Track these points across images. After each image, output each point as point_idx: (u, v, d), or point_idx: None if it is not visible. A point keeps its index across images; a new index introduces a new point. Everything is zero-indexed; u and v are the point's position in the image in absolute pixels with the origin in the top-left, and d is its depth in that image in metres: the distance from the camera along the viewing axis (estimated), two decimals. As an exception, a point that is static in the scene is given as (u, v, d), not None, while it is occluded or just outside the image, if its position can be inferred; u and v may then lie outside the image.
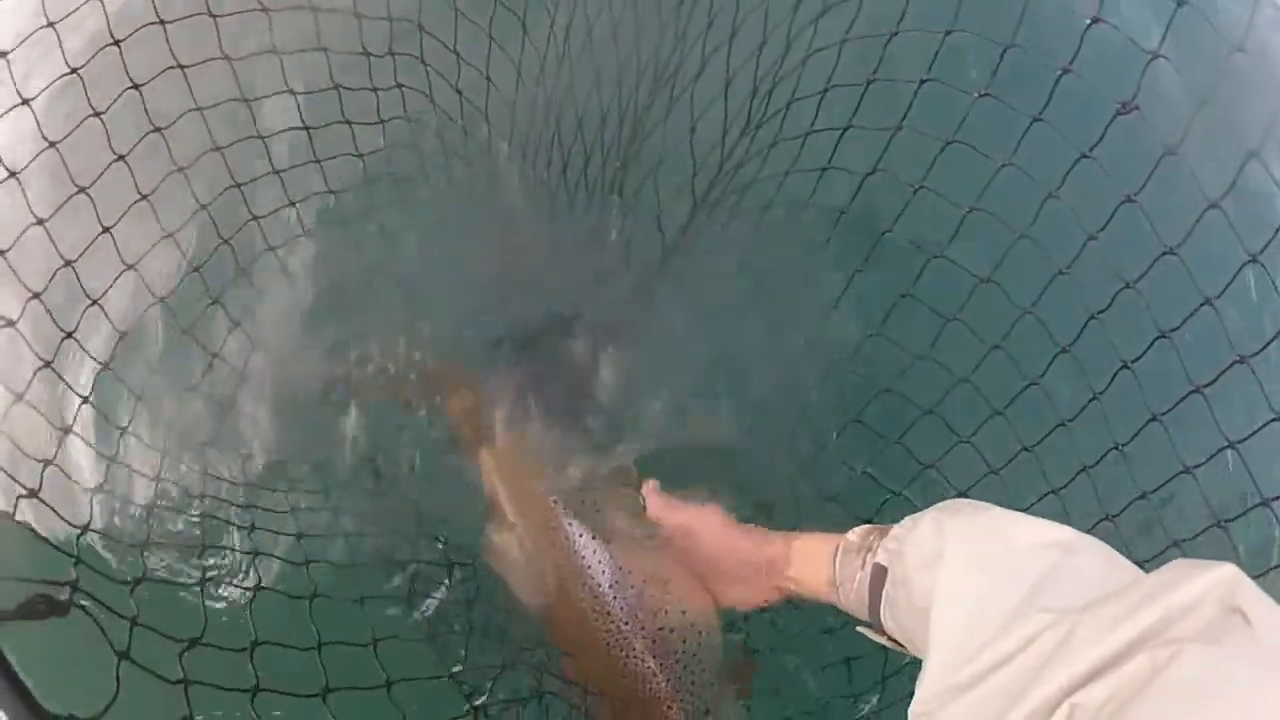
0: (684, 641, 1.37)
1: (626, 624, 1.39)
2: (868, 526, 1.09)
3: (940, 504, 0.97)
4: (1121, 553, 0.78)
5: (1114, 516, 1.35)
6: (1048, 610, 0.66)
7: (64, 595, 0.90)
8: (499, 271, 1.83)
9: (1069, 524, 0.81)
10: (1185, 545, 1.27)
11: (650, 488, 1.41)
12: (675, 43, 1.65)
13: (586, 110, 1.72)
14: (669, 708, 1.35)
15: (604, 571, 1.43)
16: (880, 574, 0.99)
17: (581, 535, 1.47)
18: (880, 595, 0.99)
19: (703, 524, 1.33)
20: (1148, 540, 1.31)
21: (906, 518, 1.00)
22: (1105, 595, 0.64)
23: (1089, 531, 0.81)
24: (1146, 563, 0.87)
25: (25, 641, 0.74)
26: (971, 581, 0.79)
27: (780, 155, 1.69)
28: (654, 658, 1.37)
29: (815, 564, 1.15)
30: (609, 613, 1.40)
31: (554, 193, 1.87)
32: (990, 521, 0.86)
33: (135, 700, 0.85)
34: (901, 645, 1.01)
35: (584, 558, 1.45)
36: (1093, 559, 0.76)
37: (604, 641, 1.39)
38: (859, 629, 1.10)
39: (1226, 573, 0.58)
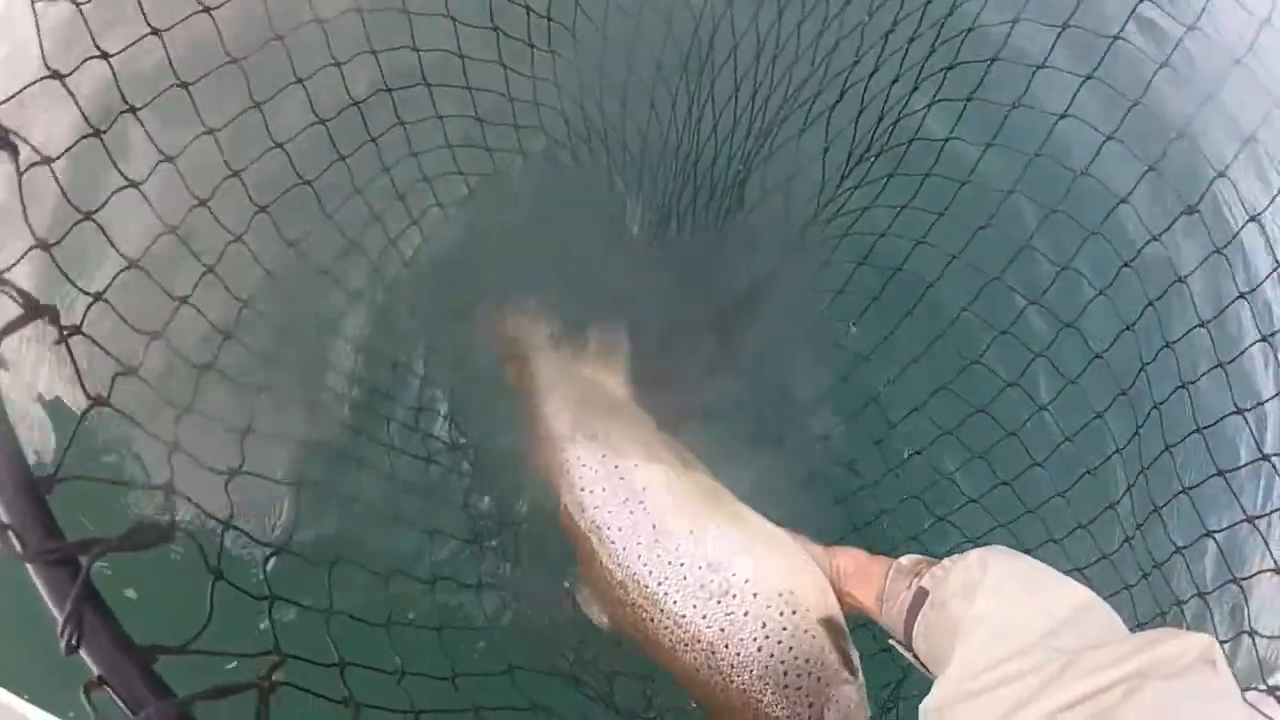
0: (763, 626, 1.27)
1: (684, 615, 1.30)
2: (920, 556, 1.22)
3: (987, 546, 1.10)
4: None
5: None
6: (1055, 650, 0.80)
7: (165, 520, 0.85)
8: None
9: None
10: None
11: None
12: (811, 69, 1.71)
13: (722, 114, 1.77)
14: (753, 706, 1.25)
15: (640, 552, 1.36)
16: (921, 596, 1.11)
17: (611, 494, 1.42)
18: (917, 615, 1.10)
19: None
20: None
21: (955, 554, 1.12)
22: (1100, 643, 0.78)
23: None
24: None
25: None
26: (1001, 610, 0.93)
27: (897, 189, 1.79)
28: (726, 646, 1.28)
29: (869, 579, 1.28)
30: (645, 588, 1.33)
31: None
32: (1028, 568, 1.01)
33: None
34: (924, 665, 1.12)
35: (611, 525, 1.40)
36: (1101, 621, 0.88)
37: (649, 627, 1.32)
38: (891, 642, 1.22)
39: (1205, 639, 0.74)
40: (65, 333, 0.80)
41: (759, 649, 1.27)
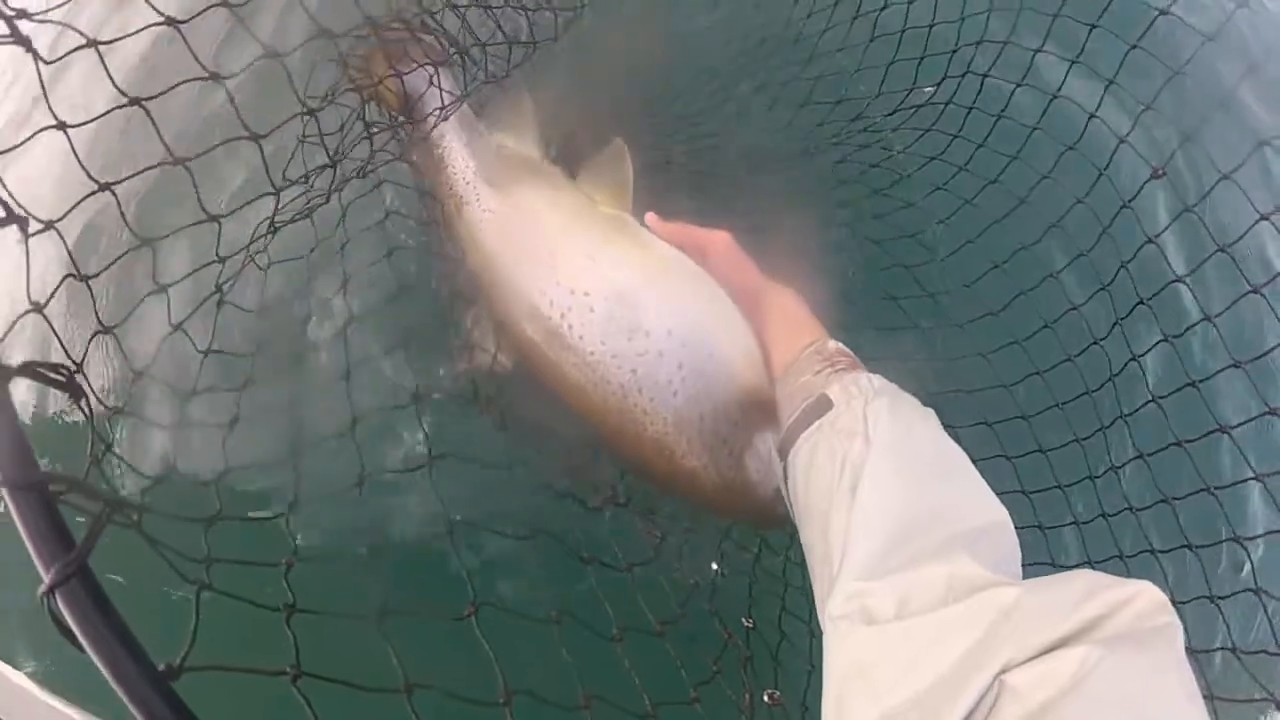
0: (679, 367, 1.14)
1: (592, 353, 1.17)
2: (845, 350, 1.02)
3: (912, 398, 0.91)
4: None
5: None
6: (975, 561, 0.67)
7: (66, 374, 0.68)
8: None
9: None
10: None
11: (651, 215, 1.26)
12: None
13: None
14: (668, 449, 1.14)
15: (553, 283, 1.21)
16: (823, 406, 0.91)
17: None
18: (811, 423, 0.91)
19: (713, 244, 1.21)
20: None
21: (879, 376, 0.94)
22: (1048, 582, 0.62)
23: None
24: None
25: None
26: (905, 489, 0.77)
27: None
28: (639, 391, 1.15)
29: (790, 336, 1.08)
30: (563, 334, 1.19)
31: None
32: (946, 449, 0.83)
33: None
34: (786, 489, 0.95)
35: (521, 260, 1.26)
36: (1014, 543, 0.75)
37: (571, 372, 1.19)
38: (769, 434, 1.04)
39: (1155, 591, 0.57)
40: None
41: (674, 394, 1.14)
